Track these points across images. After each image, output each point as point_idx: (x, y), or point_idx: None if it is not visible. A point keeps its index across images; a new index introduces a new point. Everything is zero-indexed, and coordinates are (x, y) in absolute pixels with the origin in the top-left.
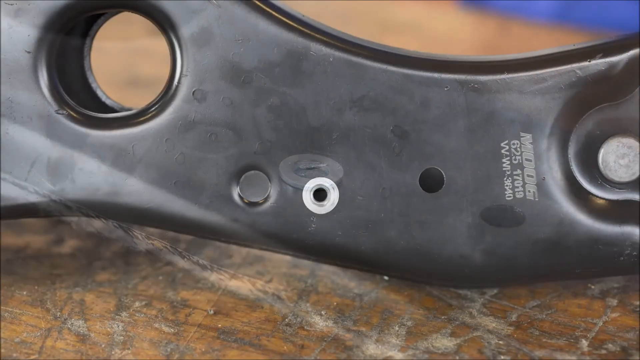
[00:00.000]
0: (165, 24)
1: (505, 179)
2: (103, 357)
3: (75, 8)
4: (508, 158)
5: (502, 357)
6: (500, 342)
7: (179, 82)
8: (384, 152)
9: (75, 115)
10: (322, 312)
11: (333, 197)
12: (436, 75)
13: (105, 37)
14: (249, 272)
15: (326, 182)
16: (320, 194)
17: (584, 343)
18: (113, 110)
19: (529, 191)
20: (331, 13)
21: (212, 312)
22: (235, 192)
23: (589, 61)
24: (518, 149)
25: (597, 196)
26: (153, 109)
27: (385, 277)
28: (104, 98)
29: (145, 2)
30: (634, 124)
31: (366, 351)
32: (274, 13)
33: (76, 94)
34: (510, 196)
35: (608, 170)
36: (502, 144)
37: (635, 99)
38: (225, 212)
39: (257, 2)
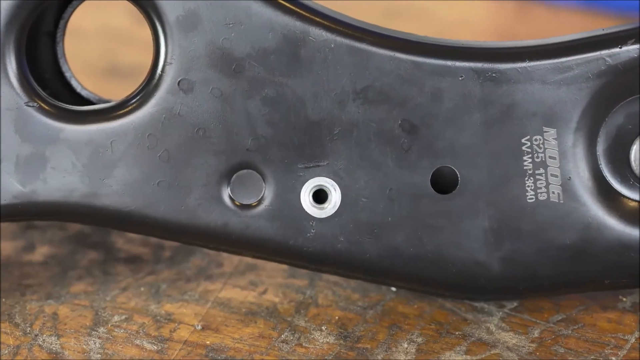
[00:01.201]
0: (147, 6)
1: (526, 178)
2: None
3: None
4: (529, 155)
5: None
6: None
7: (162, 71)
8: (391, 149)
9: (47, 107)
10: (323, 328)
11: (334, 198)
12: (449, 63)
13: (81, 20)
14: (241, 283)
15: (327, 183)
16: (320, 196)
17: None
18: (89, 103)
19: (553, 192)
20: None
21: (199, 327)
22: (226, 194)
23: (620, 47)
24: (541, 146)
25: (628, 198)
26: (134, 101)
27: (393, 288)
28: (79, 89)
29: None
30: None
31: None
32: None
33: (48, 84)
34: (532, 198)
35: None
36: (523, 140)
37: None
38: (214, 215)
39: None
